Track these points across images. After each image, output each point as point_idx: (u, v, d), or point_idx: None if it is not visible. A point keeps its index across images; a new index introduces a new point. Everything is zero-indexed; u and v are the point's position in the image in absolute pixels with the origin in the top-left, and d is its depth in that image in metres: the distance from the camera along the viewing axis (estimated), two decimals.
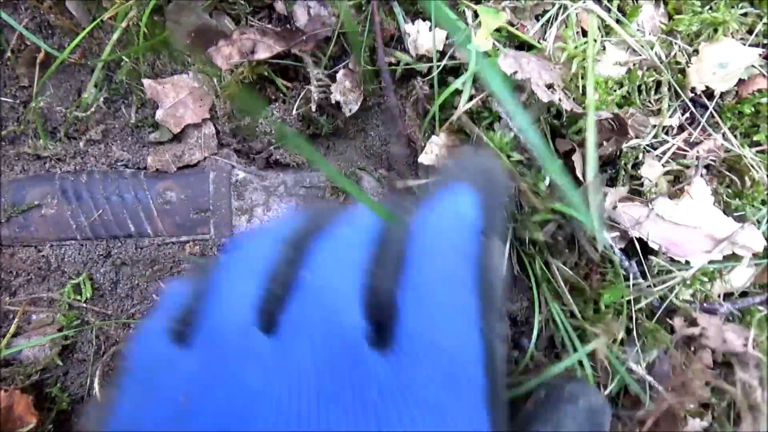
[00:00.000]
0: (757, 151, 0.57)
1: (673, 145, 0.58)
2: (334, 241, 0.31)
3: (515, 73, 0.51)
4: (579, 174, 0.56)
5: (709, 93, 0.57)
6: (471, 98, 0.57)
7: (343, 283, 0.29)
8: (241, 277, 0.31)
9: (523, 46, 0.58)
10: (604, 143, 0.54)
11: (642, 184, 0.60)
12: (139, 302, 0.73)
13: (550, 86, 0.51)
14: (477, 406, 0.29)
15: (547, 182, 0.53)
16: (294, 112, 0.68)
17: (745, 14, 0.57)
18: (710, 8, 0.56)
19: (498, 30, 0.55)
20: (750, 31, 0.57)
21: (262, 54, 0.64)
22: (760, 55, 0.56)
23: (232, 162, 0.76)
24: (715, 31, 0.56)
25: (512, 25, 0.56)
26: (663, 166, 0.59)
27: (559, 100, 0.50)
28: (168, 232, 0.75)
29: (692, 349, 0.60)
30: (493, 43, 0.55)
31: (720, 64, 0.56)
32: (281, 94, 0.71)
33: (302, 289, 0.29)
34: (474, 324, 0.30)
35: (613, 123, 0.52)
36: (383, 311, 0.29)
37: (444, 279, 0.30)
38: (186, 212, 0.75)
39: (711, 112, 0.57)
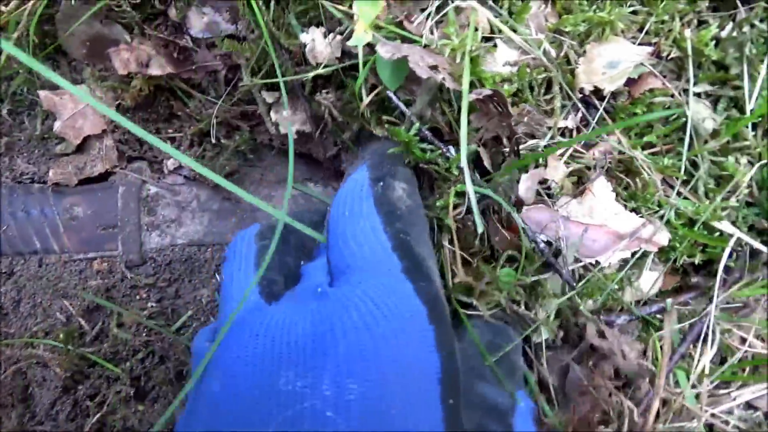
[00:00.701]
0: (650, 153, 0.56)
1: (571, 146, 0.57)
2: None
3: (393, 55, 0.50)
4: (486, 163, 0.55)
5: (601, 93, 0.56)
6: (374, 91, 0.55)
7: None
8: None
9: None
10: (487, 124, 0.53)
11: (549, 188, 0.58)
12: (42, 320, 0.71)
13: (434, 67, 0.50)
14: (404, 285, 0.39)
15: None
16: (188, 133, 0.67)
17: (635, 12, 0.56)
18: (596, 8, 0.55)
19: (380, 28, 0.54)
20: (641, 29, 0.56)
21: (154, 70, 0.63)
22: (650, 53, 0.56)
23: (143, 177, 0.74)
24: (604, 30, 0.55)
25: (398, 22, 0.55)
26: (566, 166, 0.58)
27: (443, 79, 0.49)
28: (74, 249, 0.73)
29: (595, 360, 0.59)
30: (374, 35, 0.53)
31: (609, 63, 0.55)
32: (186, 107, 0.69)
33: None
34: (380, 231, 0.42)
35: (497, 106, 0.51)
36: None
37: (348, 214, 0.43)
38: (93, 228, 0.73)
39: (602, 114, 0.56)
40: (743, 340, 0.63)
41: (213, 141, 0.70)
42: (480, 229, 0.46)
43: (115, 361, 0.71)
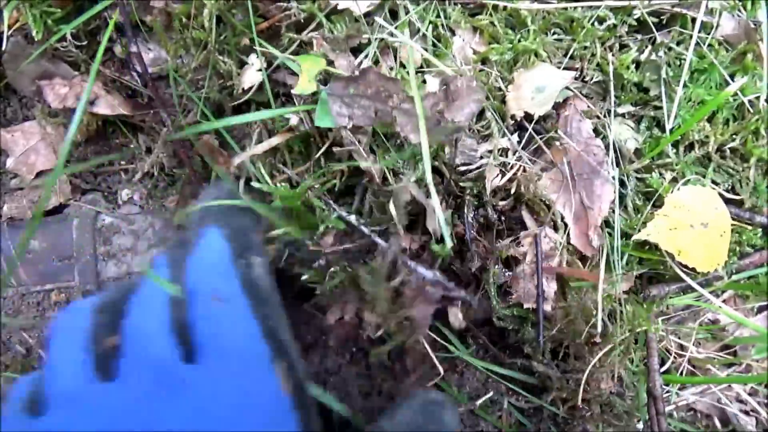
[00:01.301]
0: None
1: (512, 169, 0.59)
2: (139, 298, 0.40)
3: (348, 120, 0.53)
4: None
5: (530, 118, 0.58)
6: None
7: (153, 323, 0.38)
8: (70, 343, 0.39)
9: None
10: None
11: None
12: (2, 353, 0.72)
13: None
14: (270, 386, 0.38)
15: None
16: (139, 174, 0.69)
17: (559, 39, 0.59)
18: (521, 37, 0.57)
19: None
20: (566, 54, 0.59)
21: (102, 109, 0.64)
22: (574, 77, 0.58)
23: (98, 207, 0.75)
24: (530, 57, 0.58)
25: (330, 61, 0.57)
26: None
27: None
28: (31, 281, 0.74)
29: None
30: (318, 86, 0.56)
31: (537, 88, 0.58)
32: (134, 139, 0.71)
33: (126, 336, 0.38)
34: (249, 321, 0.40)
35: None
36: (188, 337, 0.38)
37: (216, 299, 0.39)
38: (49, 260, 0.74)
39: (533, 135, 0.59)
40: (681, 347, 0.66)
41: (165, 172, 0.71)
42: None
43: None
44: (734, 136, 0.58)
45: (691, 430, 0.64)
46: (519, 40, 0.57)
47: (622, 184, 0.60)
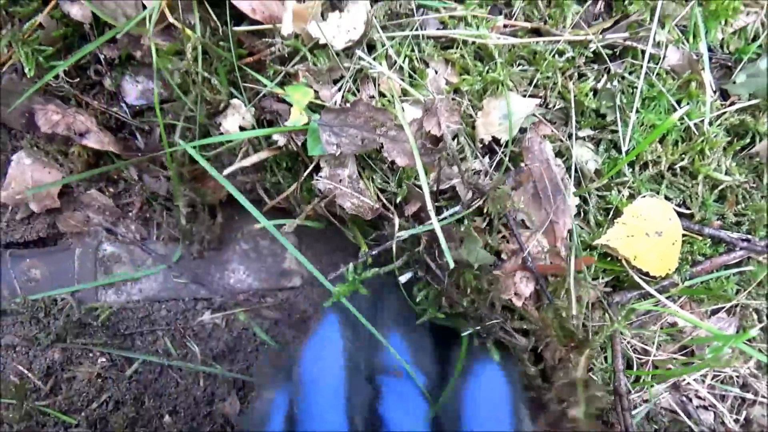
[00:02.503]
0: None
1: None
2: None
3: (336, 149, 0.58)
4: None
5: (498, 142, 0.63)
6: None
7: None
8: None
9: None
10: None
11: None
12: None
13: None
14: None
15: None
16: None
17: (525, 70, 0.64)
18: (489, 69, 0.62)
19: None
20: (530, 83, 0.64)
21: (92, 143, 0.67)
22: (538, 104, 0.63)
23: (100, 237, 0.78)
24: (497, 87, 0.63)
25: (315, 91, 0.61)
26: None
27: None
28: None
29: None
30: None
31: (504, 115, 0.63)
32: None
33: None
34: None
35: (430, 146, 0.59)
36: None
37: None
38: (50, 289, 0.76)
39: (501, 159, 0.64)
40: (645, 350, 0.71)
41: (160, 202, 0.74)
42: None
43: (71, 412, 0.74)
44: (683, 156, 0.64)
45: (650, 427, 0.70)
46: (487, 72, 0.62)
47: (584, 201, 0.65)
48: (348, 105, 0.59)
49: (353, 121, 0.59)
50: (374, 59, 0.62)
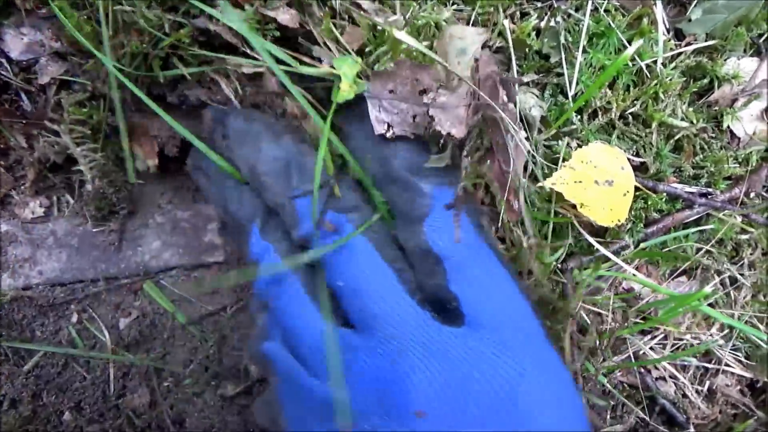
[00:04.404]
0: None
1: None
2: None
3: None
4: None
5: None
6: None
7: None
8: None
9: None
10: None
11: None
12: None
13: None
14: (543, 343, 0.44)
15: None
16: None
17: (460, 9, 0.57)
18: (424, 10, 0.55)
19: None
20: (468, 22, 0.57)
21: None
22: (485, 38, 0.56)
23: None
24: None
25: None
26: None
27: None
28: None
29: None
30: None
31: (460, 50, 0.55)
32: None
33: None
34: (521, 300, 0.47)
35: None
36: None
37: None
38: None
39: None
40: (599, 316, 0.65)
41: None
42: None
43: None
44: (635, 102, 0.58)
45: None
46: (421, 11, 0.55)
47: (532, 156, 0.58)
48: (392, 66, 0.51)
49: (401, 91, 0.51)
50: None
